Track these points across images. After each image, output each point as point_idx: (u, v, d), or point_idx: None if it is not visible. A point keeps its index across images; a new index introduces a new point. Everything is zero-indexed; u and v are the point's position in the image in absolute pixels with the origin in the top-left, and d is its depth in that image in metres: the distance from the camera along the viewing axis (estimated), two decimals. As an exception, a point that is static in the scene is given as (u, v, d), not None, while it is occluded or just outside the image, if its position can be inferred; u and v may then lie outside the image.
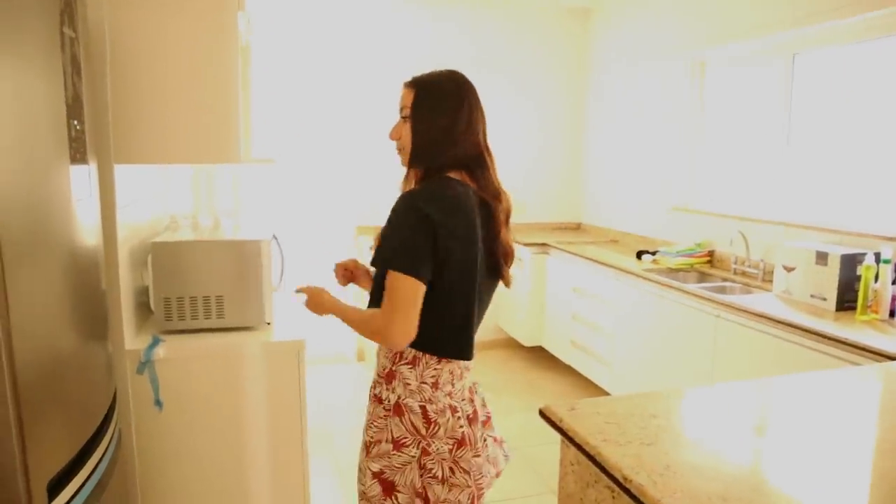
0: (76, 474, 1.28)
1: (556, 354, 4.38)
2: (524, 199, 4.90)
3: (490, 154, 1.52)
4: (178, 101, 1.84)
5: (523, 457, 3.16)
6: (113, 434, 1.59)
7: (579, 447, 1.20)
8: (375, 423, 1.49)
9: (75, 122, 1.25)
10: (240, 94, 1.89)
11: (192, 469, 2.01)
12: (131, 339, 1.97)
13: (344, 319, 1.53)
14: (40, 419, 1.15)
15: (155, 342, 1.97)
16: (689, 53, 3.85)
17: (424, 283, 1.37)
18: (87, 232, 1.51)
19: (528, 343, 4.61)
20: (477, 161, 1.49)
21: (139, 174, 2.08)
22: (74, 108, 1.26)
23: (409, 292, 1.36)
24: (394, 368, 1.48)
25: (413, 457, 1.45)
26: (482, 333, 1.56)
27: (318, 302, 1.58)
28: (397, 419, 1.46)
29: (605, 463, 1.12)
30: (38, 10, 1.16)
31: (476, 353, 1.52)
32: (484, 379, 4.12)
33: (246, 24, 2.15)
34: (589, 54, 4.92)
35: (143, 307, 2.16)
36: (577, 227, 5.12)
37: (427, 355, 1.45)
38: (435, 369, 1.46)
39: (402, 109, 1.49)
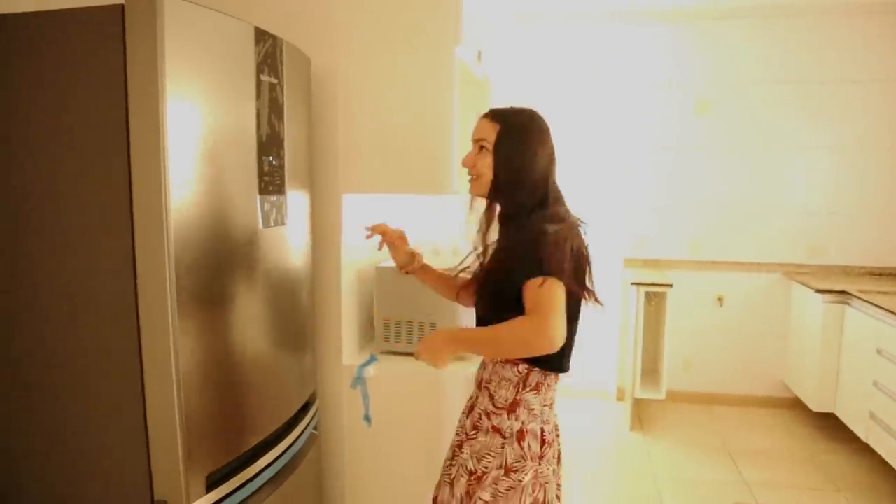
0: (256, 462, 1.46)
1: (851, 426, 3.59)
2: (819, 243, 4.20)
3: (558, 195, 1.54)
4: (397, 136, 1.95)
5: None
6: (300, 435, 1.74)
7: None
8: (491, 453, 1.50)
9: (269, 158, 1.41)
10: (455, 128, 1.93)
11: (392, 485, 2.10)
12: (352, 355, 2.14)
13: (479, 341, 1.45)
14: (226, 408, 1.35)
15: (370, 360, 2.10)
16: None
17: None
18: (289, 254, 1.69)
19: (816, 408, 3.86)
20: (544, 202, 1.50)
21: (379, 203, 2.26)
22: (268, 146, 1.42)
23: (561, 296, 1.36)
24: (518, 398, 1.49)
25: (519, 481, 1.47)
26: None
27: (436, 346, 1.43)
28: (516, 445, 1.48)
29: None
30: (233, 62, 1.32)
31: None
32: (760, 443, 3.70)
33: (476, 58, 2.20)
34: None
35: (372, 326, 2.33)
36: (899, 274, 4.16)
37: (550, 376, 1.50)
38: (553, 390, 1.53)
39: (479, 140, 1.50)
